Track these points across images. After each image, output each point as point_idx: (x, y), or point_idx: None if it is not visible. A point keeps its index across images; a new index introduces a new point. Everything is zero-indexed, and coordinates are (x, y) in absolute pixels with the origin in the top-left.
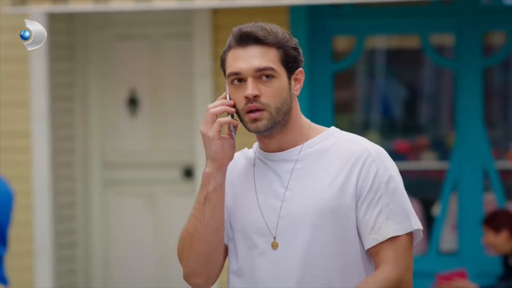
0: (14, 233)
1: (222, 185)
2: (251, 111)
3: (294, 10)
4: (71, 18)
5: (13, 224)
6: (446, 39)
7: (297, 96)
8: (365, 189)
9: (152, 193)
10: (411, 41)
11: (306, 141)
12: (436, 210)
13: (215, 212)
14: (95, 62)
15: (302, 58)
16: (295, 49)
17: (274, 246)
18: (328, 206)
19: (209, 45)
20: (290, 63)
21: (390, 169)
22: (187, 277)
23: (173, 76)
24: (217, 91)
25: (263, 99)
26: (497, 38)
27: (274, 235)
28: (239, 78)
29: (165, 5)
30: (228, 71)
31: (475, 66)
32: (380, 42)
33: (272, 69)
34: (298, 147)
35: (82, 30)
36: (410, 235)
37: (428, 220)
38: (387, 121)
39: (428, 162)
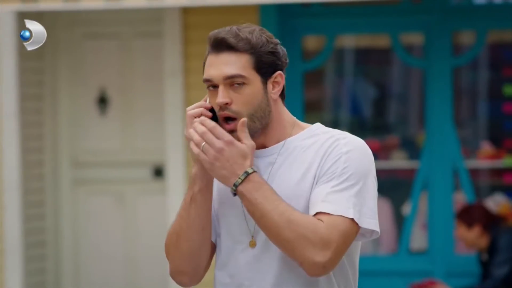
0: None
1: (208, 185)
2: (226, 121)
3: (264, 9)
4: (40, 17)
5: None
6: (415, 38)
7: (283, 96)
8: (322, 172)
9: (122, 192)
10: (381, 40)
11: (289, 137)
12: (406, 209)
13: (201, 212)
14: (64, 61)
15: (283, 60)
16: (272, 53)
17: (252, 244)
18: (302, 202)
19: (179, 44)
20: (264, 69)
21: (356, 161)
22: (173, 275)
23: (142, 75)
24: (187, 90)
25: (234, 107)
26: (467, 38)
27: (252, 234)
28: (212, 85)
29: (134, 4)
30: (203, 77)
31: (445, 65)
32: (350, 41)
33: (241, 76)
34: (280, 144)
35: (52, 29)
36: (350, 222)
37: (398, 219)
38: (357, 120)
39: (398, 161)
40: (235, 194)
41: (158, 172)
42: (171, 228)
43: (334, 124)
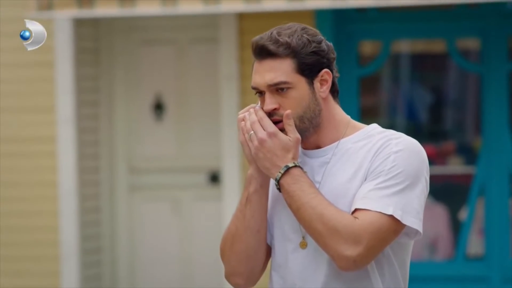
0: (40, 238)
1: (263, 186)
2: (276, 123)
3: (319, 14)
4: (96, 23)
5: (40, 229)
6: (471, 43)
7: (336, 93)
8: (371, 170)
9: (178, 198)
10: (437, 46)
11: (343, 138)
12: (463, 215)
13: (256, 213)
14: (120, 67)
15: (327, 57)
16: (315, 52)
17: (303, 245)
18: (351, 200)
19: (235, 49)
20: (307, 70)
21: (405, 161)
22: (228, 277)
23: (198, 81)
24: (243, 95)
25: (282, 111)
26: None
27: (303, 234)
28: (259, 91)
29: (190, 9)
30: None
31: (501, 70)
32: (406, 46)
33: (285, 82)
34: (335, 144)
35: (108, 36)
36: (388, 219)
37: (455, 225)
38: (413, 126)
39: (455, 166)
40: (279, 189)
41: (214, 178)
42: (226, 230)
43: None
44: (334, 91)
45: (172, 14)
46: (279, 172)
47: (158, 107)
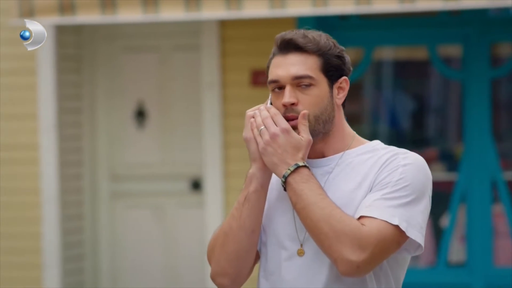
0: (22, 245)
1: (264, 186)
2: (290, 120)
3: (301, 21)
4: (79, 30)
5: (22, 236)
6: (453, 50)
7: (343, 106)
8: (377, 182)
9: (160, 205)
10: (419, 53)
11: (347, 149)
12: (445, 221)
13: (253, 213)
14: (102, 74)
15: (348, 66)
16: (339, 57)
17: (300, 253)
18: (355, 210)
19: (216, 56)
20: (331, 72)
21: (412, 175)
22: (214, 277)
23: (180, 88)
24: (224, 103)
25: (300, 107)
26: (505, 49)
27: (301, 242)
28: (278, 86)
29: (171, 16)
30: (268, 78)
31: (483, 77)
32: (388, 53)
33: (310, 77)
34: (339, 155)
35: (90, 43)
36: (393, 229)
37: (437, 232)
38: (395, 133)
39: (437, 173)
40: (285, 189)
41: (196, 185)
42: (218, 229)
43: (372, 137)
44: (344, 104)
45: (154, 21)
46: (288, 169)
47: (140, 114)
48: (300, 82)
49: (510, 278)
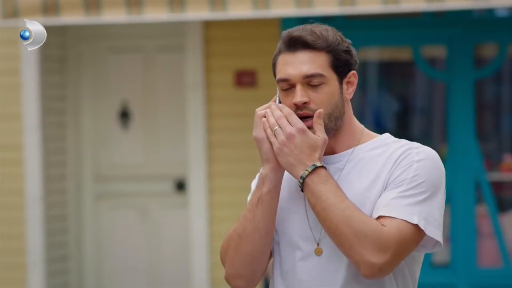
0: (6, 246)
1: (276, 187)
2: (303, 118)
3: (285, 22)
4: (63, 31)
5: (6, 237)
6: (438, 51)
7: (350, 100)
8: (392, 179)
9: (145, 206)
10: (404, 53)
11: (358, 145)
12: None
13: (267, 215)
14: (87, 75)
15: (355, 59)
16: (347, 51)
17: (318, 252)
18: (370, 208)
19: (200, 57)
20: (341, 67)
21: (427, 171)
22: (229, 279)
23: (164, 89)
24: (208, 104)
25: (312, 106)
26: (489, 50)
27: (317, 241)
28: (289, 84)
29: (155, 17)
30: (277, 76)
31: (467, 78)
32: (373, 54)
33: (321, 75)
34: (349, 151)
35: (74, 43)
36: (412, 228)
37: None
38: (380, 133)
39: None
40: (302, 190)
41: (180, 186)
42: (231, 231)
43: None
44: (352, 98)
45: (138, 22)
46: (306, 170)
47: (125, 115)
48: (311, 81)
49: (494, 278)
